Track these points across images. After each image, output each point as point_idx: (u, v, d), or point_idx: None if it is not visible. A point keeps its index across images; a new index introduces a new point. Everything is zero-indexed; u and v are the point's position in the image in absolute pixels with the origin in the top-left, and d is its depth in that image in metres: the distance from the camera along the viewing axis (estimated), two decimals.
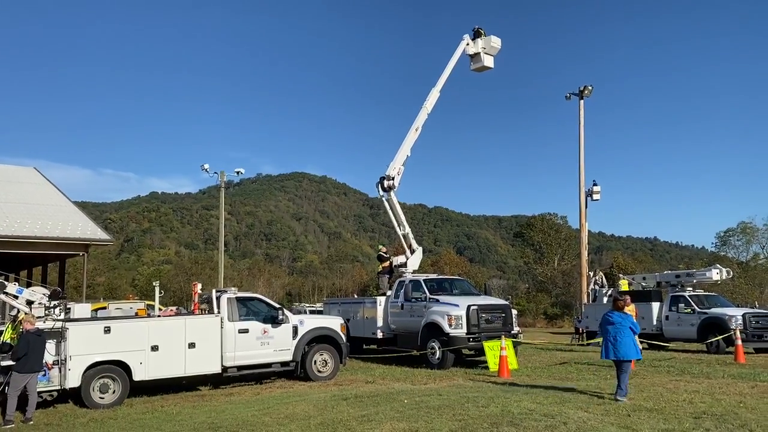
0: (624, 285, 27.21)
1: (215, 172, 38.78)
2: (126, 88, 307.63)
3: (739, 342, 17.24)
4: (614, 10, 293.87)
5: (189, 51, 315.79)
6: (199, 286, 15.05)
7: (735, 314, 20.81)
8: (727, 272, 24.88)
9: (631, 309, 19.80)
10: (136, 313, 13.93)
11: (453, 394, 10.62)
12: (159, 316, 13.15)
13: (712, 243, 65.95)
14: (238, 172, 39.14)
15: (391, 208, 20.26)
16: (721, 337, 19.80)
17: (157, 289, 13.79)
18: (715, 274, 23.86)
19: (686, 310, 22.07)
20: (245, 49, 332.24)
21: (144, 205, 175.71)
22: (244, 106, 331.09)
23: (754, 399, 9.59)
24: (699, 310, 21.63)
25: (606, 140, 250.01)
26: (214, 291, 13.86)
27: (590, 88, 34.03)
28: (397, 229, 20.36)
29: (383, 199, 20.32)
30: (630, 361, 10.16)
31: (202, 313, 13.56)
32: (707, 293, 24.33)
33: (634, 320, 10.62)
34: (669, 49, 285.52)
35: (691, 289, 24.08)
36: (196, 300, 14.47)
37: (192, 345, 12.31)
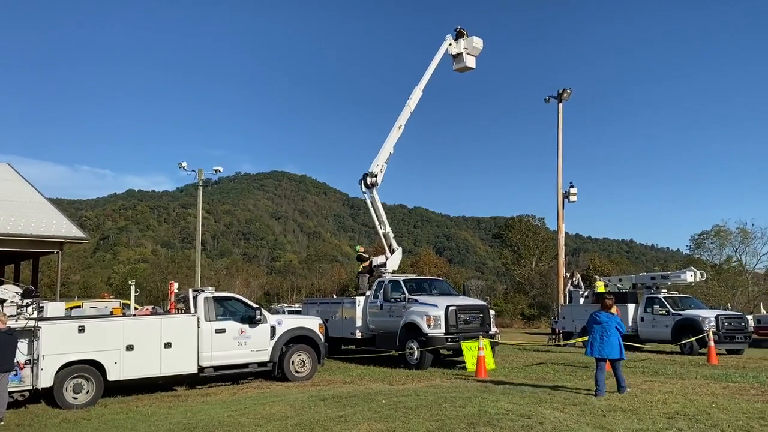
0: (600, 286, 27.51)
1: (193, 170, 38.48)
2: (104, 84, 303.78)
3: (712, 343, 17.51)
4: (594, 14, 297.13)
5: (168, 48, 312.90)
6: (176, 285, 14.92)
7: (708, 316, 21.16)
8: (701, 275, 25.29)
9: (613, 311, 20.08)
10: (112, 312, 13.70)
11: (431, 394, 10.64)
12: (135, 315, 12.98)
13: (687, 246, 66.95)
14: (216, 171, 38.83)
15: (372, 205, 20.29)
16: (695, 338, 20.12)
17: (132, 288, 13.60)
18: (690, 276, 24.23)
19: (661, 312, 22.38)
20: (225, 48, 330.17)
21: (120, 203, 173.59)
22: (224, 103, 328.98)
23: (725, 399, 9.75)
24: (673, 311, 21.94)
25: (584, 142, 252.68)
26: (190, 290, 13.72)
27: (569, 91, 34.34)
28: (378, 227, 20.37)
29: (365, 196, 20.34)
30: (617, 359, 10.47)
31: (178, 313, 13.43)
32: (681, 295, 24.71)
33: (621, 321, 10.87)
34: (647, 53, 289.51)
35: (665, 290, 24.42)
36: (173, 299, 14.33)
37: (168, 345, 12.18)
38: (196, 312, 12.88)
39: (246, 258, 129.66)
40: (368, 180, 19.96)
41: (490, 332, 16.43)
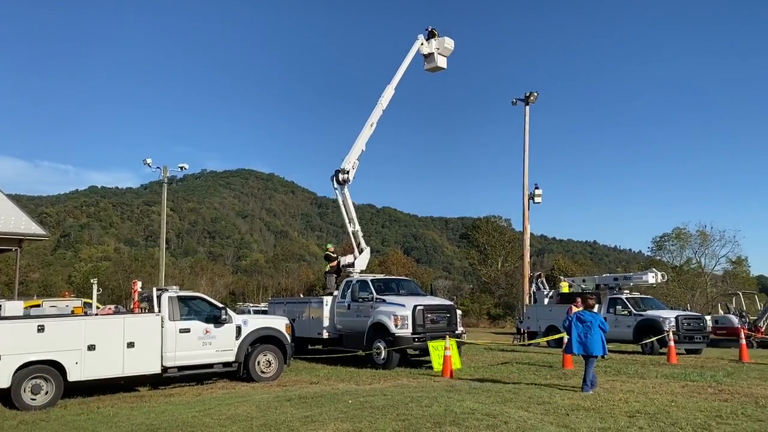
0: (565, 287, 27.94)
1: (158, 167, 37.96)
2: (66, 76, 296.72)
3: (672, 343, 17.92)
4: (560, 17, 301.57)
5: (134, 42, 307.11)
6: (139, 284, 14.66)
7: (668, 316, 21.65)
8: (662, 276, 25.89)
9: (578, 311, 20.39)
10: (73, 312, 13.41)
11: (397, 394, 10.67)
12: (96, 314, 12.72)
13: (648, 247, 68.43)
14: (181, 168, 38.35)
15: (343, 203, 20.28)
16: (655, 338, 20.57)
17: (95, 287, 13.33)
18: (651, 277, 24.77)
19: (623, 312, 22.81)
20: (193, 44, 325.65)
21: (82, 200, 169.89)
22: (191, 99, 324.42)
23: (684, 398, 9.99)
24: (635, 312, 22.39)
25: (549, 144, 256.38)
26: (154, 289, 13.51)
27: (536, 94, 34.83)
28: (348, 225, 20.36)
29: (336, 192, 20.33)
30: (597, 356, 11.01)
31: (142, 312, 13.20)
32: (643, 296, 25.24)
33: (603, 320, 11.38)
34: (611, 55, 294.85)
35: (628, 291, 24.93)
36: (136, 298, 14.09)
37: (131, 344, 11.97)
38: (159, 311, 12.68)
39: (211, 257, 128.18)
40: (340, 176, 19.96)
41: (456, 332, 16.55)
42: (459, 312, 17.72)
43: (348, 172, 20.00)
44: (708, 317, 28.83)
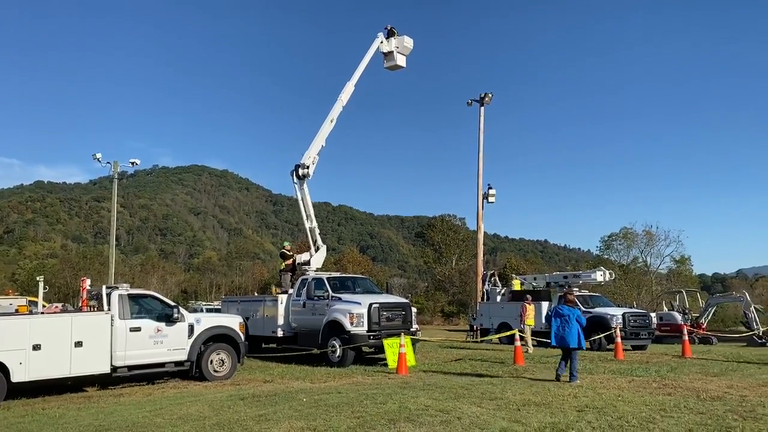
0: (516, 284, 28.43)
1: (108, 162, 36.97)
2: (13, 70, 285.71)
3: (619, 340, 18.46)
4: (510, 21, 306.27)
5: (84, 36, 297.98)
6: (88, 281, 14.28)
7: (615, 314, 22.28)
8: (610, 274, 26.64)
9: (531, 308, 20.84)
10: (17, 310, 12.98)
11: (352, 391, 10.69)
12: (42, 313, 12.34)
13: (597, 247, 70.00)
14: (133, 163, 37.43)
15: (302, 198, 20.18)
16: (603, 335, 21.14)
17: (41, 285, 12.94)
18: (599, 275, 25.45)
19: None
20: (147, 35, 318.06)
21: (28, 195, 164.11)
22: (144, 94, 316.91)
23: (630, 393, 10.31)
24: (584, 309, 22.93)
25: (503, 145, 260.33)
26: (104, 287, 13.17)
27: (490, 95, 35.25)
28: (305, 222, 20.26)
29: (295, 187, 20.21)
30: (576, 348, 11.76)
31: (90, 311, 12.87)
32: (591, 293, 25.92)
33: (581, 315, 12.19)
34: (561, 58, 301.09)
35: (577, 289, 25.53)
36: (85, 296, 13.71)
37: (79, 344, 11.65)
38: (109, 310, 12.39)
39: (162, 254, 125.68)
40: (300, 171, 19.86)
41: (411, 329, 16.67)
42: (414, 310, 17.85)
43: (308, 167, 19.93)
44: (653, 314, 29.73)
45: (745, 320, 30.34)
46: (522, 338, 18.42)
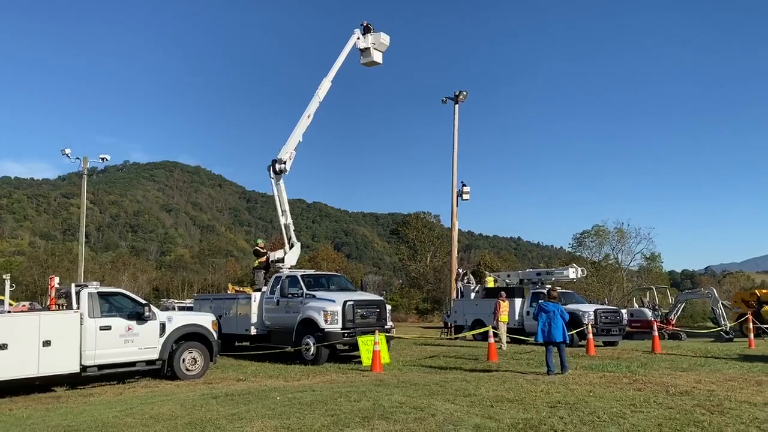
0: (490, 281, 28.60)
1: (77, 158, 36.30)
2: None
3: (591, 336, 18.69)
4: (485, 21, 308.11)
5: (53, 29, 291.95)
6: (57, 279, 14.00)
7: (587, 310, 22.55)
8: (582, 271, 26.96)
9: (505, 305, 20.99)
10: None
11: (326, 389, 10.65)
12: (9, 311, 12.08)
13: (570, 244, 70.86)
14: (103, 159, 36.79)
15: (278, 194, 20.09)
16: (575, 331, 21.38)
17: (7, 283, 12.66)
18: (572, 272, 25.73)
19: None
20: (119, 30, 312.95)
21: None
22: (116, 89, 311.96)
23: (602, 388, 10.44)
24: None
25: (477, 142, 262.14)
26: (73, 285, 12.94)
27: (465, 93, 35.43)
28: (280, 217, 20.15)
29: (272, 183, 20.11)
30: (562, 342, 12.29)
31: (59, 309, 12.64)
32: (564, 290, 26.17)
33: (564, 310, 12.84)
34: (535, 57, 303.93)
35: (549, 286, 25.76)
36: (53, 295, 13.45)
37: (47, 343, 11.43)
38: (78, 308, 12.17)
39: (134, 252, 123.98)
40: (277, 166, 19.78)
41: (386, 327, 16.68)
42: (388, 307, 17.87)
43: (285, 162, 19.87)
44: (624, 311, 30.19)
45: (712, 316, 30.99)
46: (496, 335, 18.55)
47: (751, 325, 22.43)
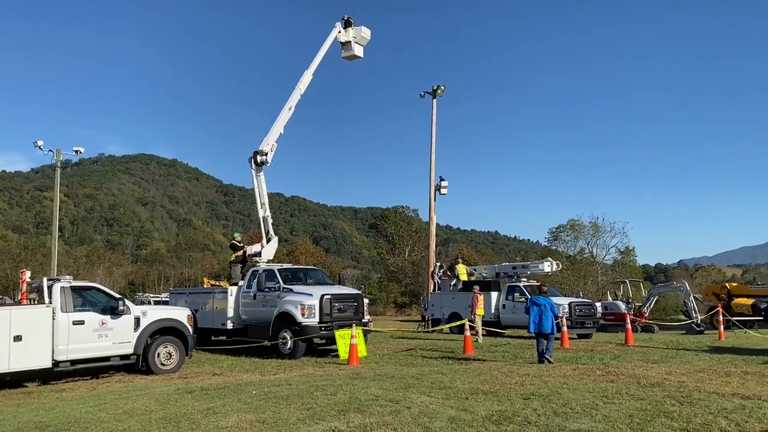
0: (461, 270, 28.63)
1: (50, 150, 35.63)
2: None
3: (565, 329, 18.91)
4: (463, 15, 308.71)
5: (29, 14, 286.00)
6: (28, 273, 13.82)
7: (562, 303, 22.78)
8: (557, 265, 27.23)
9: (480, 299, 21.13)
10: None
11: (302, 383, 10.65)
12: None
13: (545, 238, 71.38)
14: (77, 151, 36.19)
15: (258, 186, 20.02)
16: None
17: None
18: (547, 266, 25.97)
19: (520, 299, 23.80)
20: (95, 21, 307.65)
21: None
22: (92, 80, 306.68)
23: (575, 380, 10.57)
24: (530, 299, 23.36)
25: (455, 137, 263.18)
26: (45, 279, 12.78)
27: (443, 87, 35.48)
28: (259, 210, 20.09)
29: (253, 174, 20.03)
30: (550, 333, 13.21)
31: (31, 303, 12.46)
32: (539, 284, 26.43)
33: (554, 304, 13.79)
34: (511, 52, 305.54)
35: (525, 279, 26.02)
36: (25, 289, 13.28)
37: (18, 338, 11.27)
38: (50, 302, 12.01)
39: (109, 245, 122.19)
40: (258, 158, 19.73)
41: (363, 320, 16.71)
42: (366, 301, 17.90)
43: (266, 154, 19.85)
44: (598, 304, 30.56)
45: (684, 309, 31.47)
46: (472, 328, 18.69)
47: (721, 318, 22.86)
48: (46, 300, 12.13)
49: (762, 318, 30.98)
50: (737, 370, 11.83)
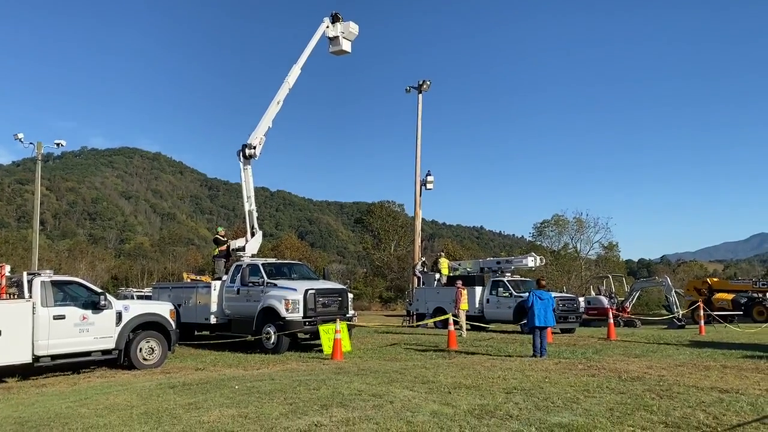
0: (443, 263, 28.69)
1: (31, 143, 35.16)
2: None
3: None
4: (450, 12, 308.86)
5: (13, 10, 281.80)
6: (8, 268, 13.63)
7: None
8: (541, 260, 27.42)
9: (464, 293, 21.22)
10: None
11: (285, 378, 10.64)
12: None
13: (530, 233, 71.85)
14: (58, 144, 35.73)
15: (245, 179, 19.97)
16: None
17: None
18: (531, 261, 26.13)
19: (504, 294, 23.95)
20: (79, 16, 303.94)
21: None
22: (75, 71, 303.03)
23: (557, 374, 10.68)
24: (515, 294, 23.55)
25: (441, 132, 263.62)
26: (25, 274, 12.64)
27: (428, 82, 35.51)
28: (245, 203, 20.03)
29: (241, 166, 19.96)
30: (546, 327, 13.82)
31: (10, 298, 12.32)
32: (524, 279, 26.59)
33: (554, 298, 14.55)
34: (498, 48, 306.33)
35: (510, 274, 26.14)
36: (4, 283, 13.10)
37: None
38: (30, 297, 11.88)
39: (92, 239, 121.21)
40: (247, 151, 19.68)
41: (347, 315, 16.71)
42: (350, 296, 17.89)
43: (255, 148, 19.79)
44: (581, 299, 30.81)
45: (666, 304, 31.85)
46: (456, 322, 18.76)
47: (702, 313, 23.17)
48: (26, 294, 11.99)
49: (742, 313, 31.46)
50: (716, 364, 12.01)
